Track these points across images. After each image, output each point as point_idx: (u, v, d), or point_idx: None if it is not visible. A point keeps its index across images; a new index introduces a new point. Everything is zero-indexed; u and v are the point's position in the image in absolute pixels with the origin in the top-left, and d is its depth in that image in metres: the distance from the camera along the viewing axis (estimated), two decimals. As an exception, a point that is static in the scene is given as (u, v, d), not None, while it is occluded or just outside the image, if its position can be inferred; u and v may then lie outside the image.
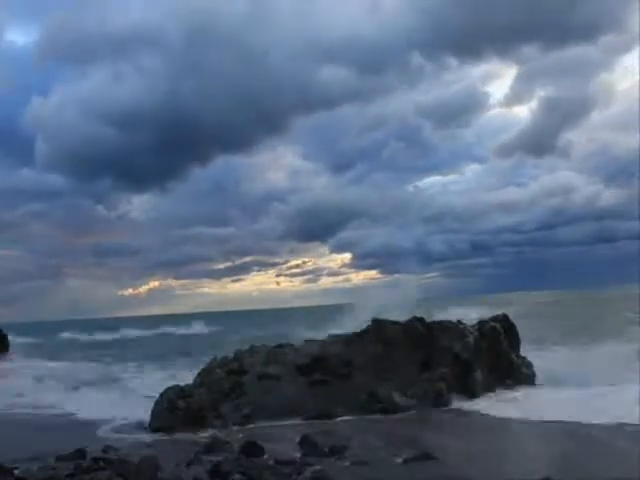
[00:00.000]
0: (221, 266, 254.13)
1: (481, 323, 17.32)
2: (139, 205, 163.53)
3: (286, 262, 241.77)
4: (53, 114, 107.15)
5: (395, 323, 16.84)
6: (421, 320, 16.92)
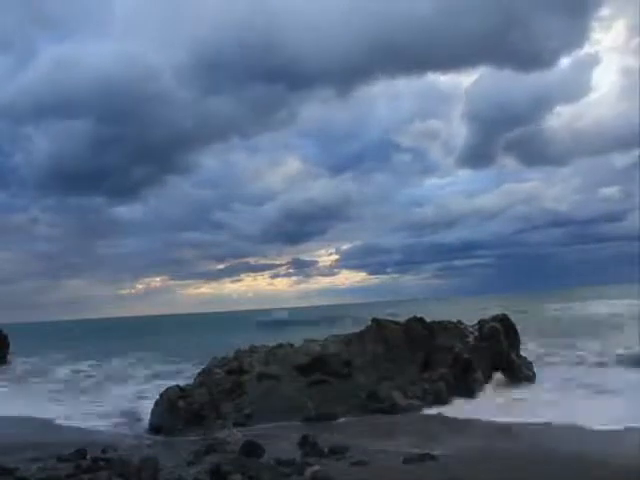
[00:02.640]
0: (216, 267, 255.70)
1: (481, 323, 17.31)
2: (135, 210, 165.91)
3: (280, 264, 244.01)
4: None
5: (395, 323, 16.85)
6: (421, 320, 16.92)
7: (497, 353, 16.48)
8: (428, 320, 17.12)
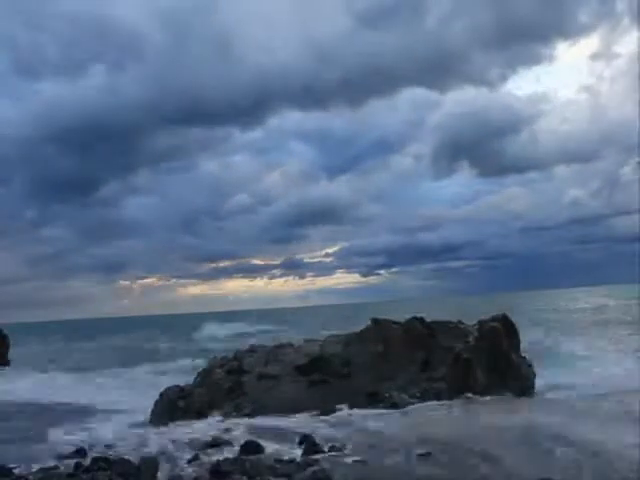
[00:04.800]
0: (214, 267, 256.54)
1: (481, 323, 17.27)
2: (133, 211, 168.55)
3: (276, 265, 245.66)
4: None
5: (395, 323, 16.84)
6: (421, 320, 16.91)
7: (497, 353, 16.45)
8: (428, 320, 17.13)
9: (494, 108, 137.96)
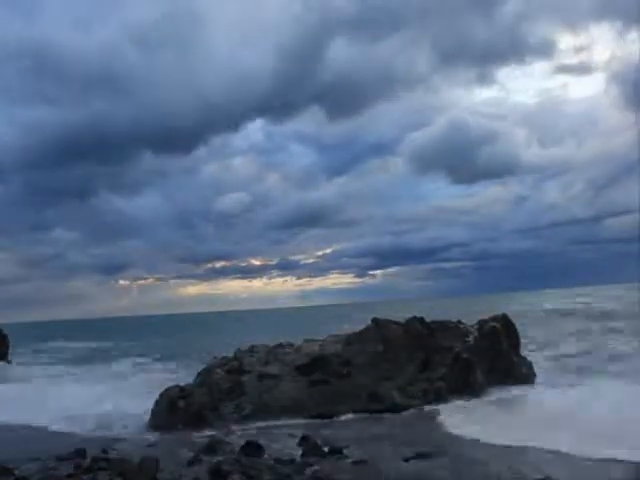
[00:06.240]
0: (212, 268, 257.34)
1: (481, 323, 17.29)
2: (131, 211, 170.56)
3: (273, 265, 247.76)
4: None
5: (395, 323, 16.83)
6: (421, 320, 16.90)
7: (497, 353, 16.47)
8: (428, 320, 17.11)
9: (472, 120, 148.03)
